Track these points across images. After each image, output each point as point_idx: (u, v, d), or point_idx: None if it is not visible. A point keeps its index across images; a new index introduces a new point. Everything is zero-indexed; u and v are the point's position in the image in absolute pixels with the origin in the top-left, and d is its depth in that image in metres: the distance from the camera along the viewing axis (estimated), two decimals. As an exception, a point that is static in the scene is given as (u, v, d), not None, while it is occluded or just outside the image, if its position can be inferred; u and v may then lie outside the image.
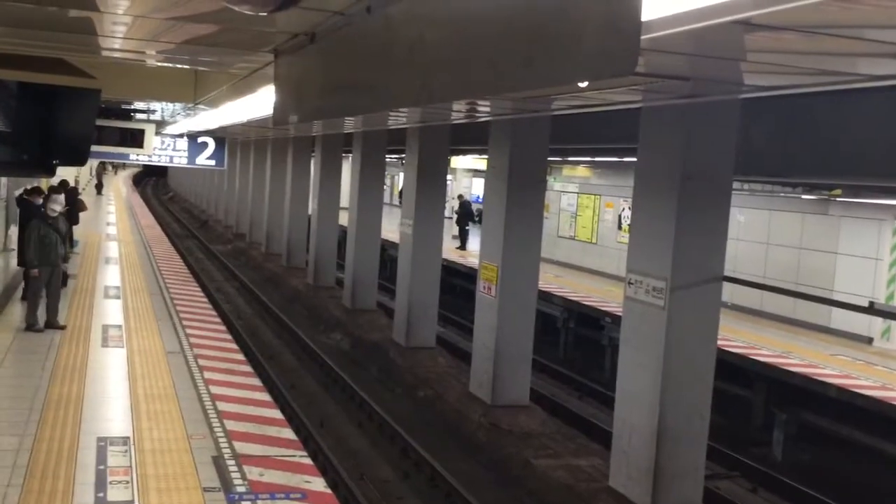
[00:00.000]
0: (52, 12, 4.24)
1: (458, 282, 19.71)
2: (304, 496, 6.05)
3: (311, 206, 21.89)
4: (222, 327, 12.26)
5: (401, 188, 20.49)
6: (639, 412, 8.09)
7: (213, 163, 15.43)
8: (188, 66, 7.22)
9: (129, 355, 9.68)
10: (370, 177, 17.75)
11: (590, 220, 21.17)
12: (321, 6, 3.23)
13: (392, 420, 10.92)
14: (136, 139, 11.97)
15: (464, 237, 23.57)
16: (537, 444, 9.93)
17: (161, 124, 14.70)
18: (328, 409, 12.03)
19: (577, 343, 16.13)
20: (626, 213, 18.56)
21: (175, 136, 15.33)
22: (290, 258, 23.81)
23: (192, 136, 15.23)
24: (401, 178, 24.85)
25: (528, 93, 6.45)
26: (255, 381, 9.32)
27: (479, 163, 24.44)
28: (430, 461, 9.57)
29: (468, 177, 28.59)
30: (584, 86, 5.21)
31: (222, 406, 8.03)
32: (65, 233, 10.81)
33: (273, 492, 6.08)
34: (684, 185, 7.68)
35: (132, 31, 4.70)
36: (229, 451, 6.81)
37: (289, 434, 7.55)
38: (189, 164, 15.38)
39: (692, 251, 7.81)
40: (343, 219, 20.37)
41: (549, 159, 12.56)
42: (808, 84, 5.31)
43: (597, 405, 13.11)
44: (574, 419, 11.89)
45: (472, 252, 20.85)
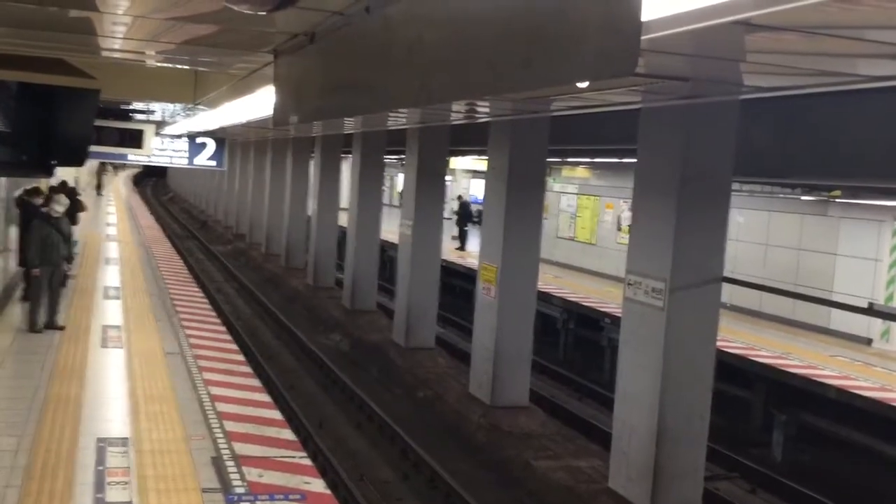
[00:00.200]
0: (52, 13, 4.24)
1: (457, 282, 19.70)
2: (304, 497, 6.05)
3: (311, 206, 21.90)
4: (222, 328, 12.25)
5: (400, 189, 20.48)
6: (638, 413, 8.08)
7: (212, 163, 15.40)
8: (188, 67, 7.23)
9: (129, 356, 9.67)
10: (370, 177, 17.75)
11: (589, 221, 21.17)
12: (320, 6, 3.23)
13: (391, 421, 10.92)
14: (135, 140, 11.98)
15: (463, 238, 23.57)
16: (537, 445, 9.93)
17: (160, 125, 14.69)
18: (327, 409, 12.02)
19: (576, 344, 16.13)
20: (626, 214, 18.55)
21: (175, 136, 15.31)
22: (289, 259, 23.82)
23: (191, 136, 15.21)
24: (400, 179, 24.84)
25: (528, 93, 6.45)
26: (255, 382, 9.32)
27: (478, 163, 24.43)
28: (429, 462, 9.56)
29: (468, 177, 28.60)
30: (583, 86, 5.21)
31: (221, 407, 8.03)
32: (67, 233, 10.80)
33: (272, 493, 6.07)
34: (684, 186, 7.68)
35: (132, 31, 4.70)
36: (228, 452, 6.80)
37: (288, 435, 7.54)
38: (188, 164, 15.34)
39: (691, 252, 7.81)
40: (343, 219, 20.38)
41: (549, 160, 12.56)
42: (808, 85, 5.32)
43: (596, 406, 13.11)
44: (574, 420, 11.89)
45: (471, 253, 20.84)
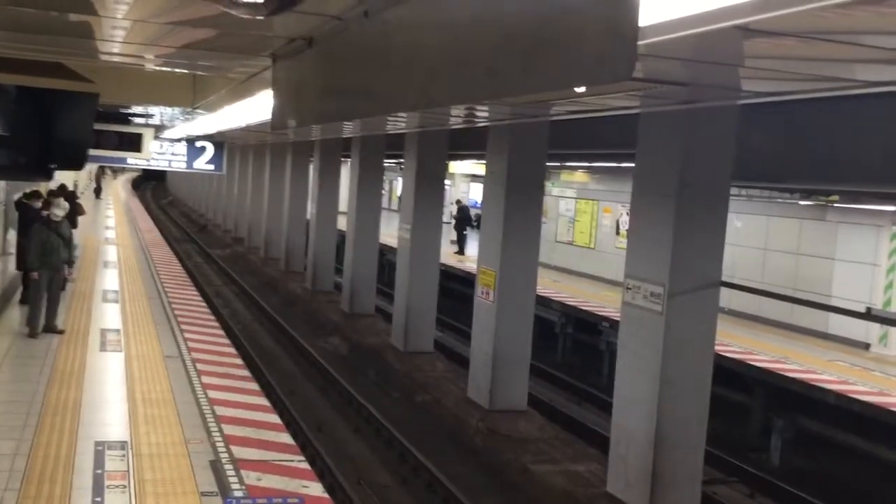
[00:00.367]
0: (51, 16, 4.25)
1: (456, 286, 19.70)
2: (302, 501, 6.04)
3: (310, 210, 21.89)
4: (220, 332, 12.24)
5: (399, 193, 20.48)
6: (637, 417, 8.08)
7: (211, 167, 15.36)
8: (186, 71, 7.22)
9: (127, 360, 9.66)
10: (369, 181, 17.76)
11: (588, 226, 21.18)
12: (319, 10, 3.24)
13: (390, 425, 10.91)
14: (134, 143, 11.98)
15: (462, 242, 23.57)
16: (535, 450, 9.92)
17: (159, 128, 14.68)
18: (326, 413, 12.01)
19: (575, 348, 16.13)
20: (624, 219, 18.56)
21: (173, 140, 15.30)
22: (288, 262, 23.82)
23: (190, 140, 15.20)
24: (399, 183, 24.85)
25: (526, 98, 6.46)
26: (253, 386, 9.31)
27: (477, 168, 24.47)
28: (427, 466, 9.56)
29: (466, 182, 28.64)
30: (581, 91, 5.23)
31: (220, 410, 8.02)
32: (68, 237, 10.79)
33: (270, 496, 6.07)
34: (682, 190, 7.69)
35: (131, 35, 4.70)
36: (227, 455, 6.80)
37: (286, 438, 7.54)
38: (187, 168, 15.31)
39: (690, 257, 7.82)
40: (342, 223, 20.38)
41: (548, 164, 12.57)
42: (806, 90, 5.32)
43: (595, 410, 13.10)
44: (572, 424, 11.88)
45: (470, 257, 20.84)
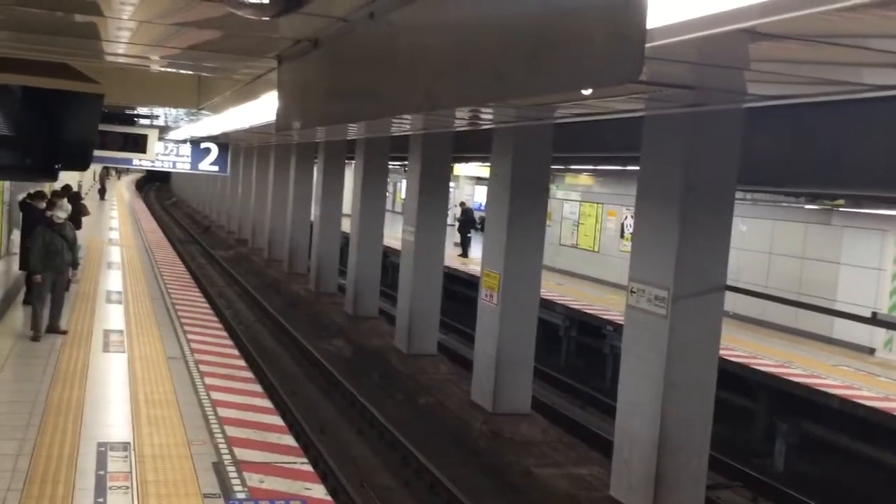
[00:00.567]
0: (57, 17, 4.25)
1: (459, 289, 19.69)
2: (305, 503, 6.04)
3: (314, 212, 21.91)
4: (223, 333, 12.24)
5: (403, 195, 20.47)
6: (640, 421, 8.06)
7: (216, 169, 15.36)
8: (192, 72, 7.23)
9: (130, 360, 9.66)
10: (373, 183, 17.76)
11: (592, 229, 21.16)
12: (324, 12, 3.23)
13: (393, 427, 10.90)
14: (139, 144, 11.98)
15: (466, 244, 23.56)
16: (538, 453, 9.91)
17: (164, 130, 14.70)
18: (329, 415, 12.01)
19: (578, 351, 16.11)
20: (629, 222, 18.54)
21: (178, 141, 15.32)
22: (292, 264, 23.82)
23: (195, 141, 15.21)
24: (403, 186, 24.85)
25: (531, 100, 6.45)
26: (256, 388, 9.30)
27: (481, 170, 24.45)
28: (430, 468, 9.54)
29: (471, 184, 28.64)
30: (587, 93, 5.22)
31: (223, 412, 8.01)
32: (72, 238, 10.79)
33: (273, 498, 6.06)
34: (687, 194, 7.67)
35: (136, 36, 4.70)
36: (229, 457, 6.79)
37: (289, 440, 7.53)
38: (192, 169, 15.31)
39: (695, 260, 7.80)
40: (345, 225, 20.38)
41: (552, 167, 12.56)
42: (812, 94, 5.31)
43: (598, 414, 13.08)
44: (575, 428, 11.85)
45: (474, 259, 20.83)
